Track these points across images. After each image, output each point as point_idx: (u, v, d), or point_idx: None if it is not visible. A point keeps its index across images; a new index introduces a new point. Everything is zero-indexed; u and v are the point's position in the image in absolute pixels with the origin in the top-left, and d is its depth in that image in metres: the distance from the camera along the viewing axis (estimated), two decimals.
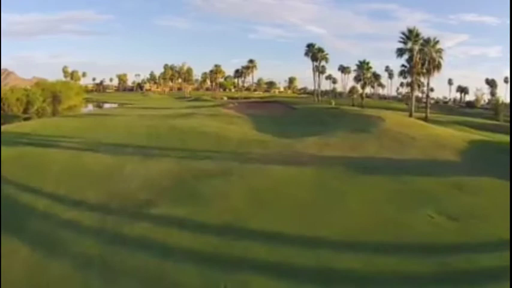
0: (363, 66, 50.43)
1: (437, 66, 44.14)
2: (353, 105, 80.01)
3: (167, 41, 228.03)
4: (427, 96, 45.72)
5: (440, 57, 44.47)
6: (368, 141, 22.65)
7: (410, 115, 39.20)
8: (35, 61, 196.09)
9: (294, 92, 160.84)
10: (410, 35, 40.33)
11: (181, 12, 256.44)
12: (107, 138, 23.56)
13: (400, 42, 41.21)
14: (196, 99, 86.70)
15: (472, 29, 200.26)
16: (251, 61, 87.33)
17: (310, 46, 57.94)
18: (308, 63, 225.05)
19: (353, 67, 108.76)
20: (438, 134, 27.71)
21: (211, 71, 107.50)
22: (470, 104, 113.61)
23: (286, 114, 40.42)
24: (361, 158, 18.88)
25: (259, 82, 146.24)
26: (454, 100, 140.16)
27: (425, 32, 42.55)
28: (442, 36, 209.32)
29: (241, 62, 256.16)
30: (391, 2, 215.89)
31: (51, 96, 69.96)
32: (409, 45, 40.43)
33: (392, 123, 29.27)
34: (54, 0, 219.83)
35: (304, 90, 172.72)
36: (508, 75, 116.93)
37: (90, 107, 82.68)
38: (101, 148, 20.53)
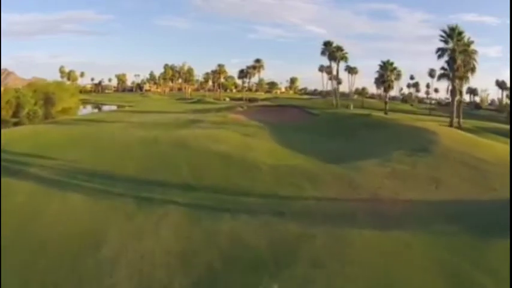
0: (386, 66, 43.60)
1: (472, 69, 37.62)
2: (363, 107, 74.10)
3: (167, 41, 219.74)
4: (460, 102, 39.24)
5: (475, 60, 37.98)
6: (441, 170, 16.33)
7: (451, 124, 32.92)
8: (35, 61, 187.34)
9: (295, 93, 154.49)
10: (452, 33, 33.71)
11: (181, 12, 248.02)
12: (92, 161, 17.22)
13: (441, 41, 34.61)
14: (198, 101, 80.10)
15: (472, 29, 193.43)
16: (258, 60, 79.72)
17: (327, 44, 50.26)
18: (310, 63, 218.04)
19: (360, 67, 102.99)
20: (503, 154, 21.70)
21: (214, 71, 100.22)
22: (477, 106, 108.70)
23: (308, 122, 34.04)
24: (455, 202, 12.67)
25: (260, 82, 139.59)
26: (457, 100, 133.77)
27: (425, 32, 36.07)
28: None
29: (241, 62, 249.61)
30: (391, 2, 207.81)
31: (44, 98, 63.30)
32: (451, 44, 33.79)
33: (446, 138, 23.02)
34: (54, 0, 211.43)
35: (304, 91, 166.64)
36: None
37: (87, 109, 76.07)
38: (79, 180, 14.20)
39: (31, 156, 18.28)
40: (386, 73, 42.49)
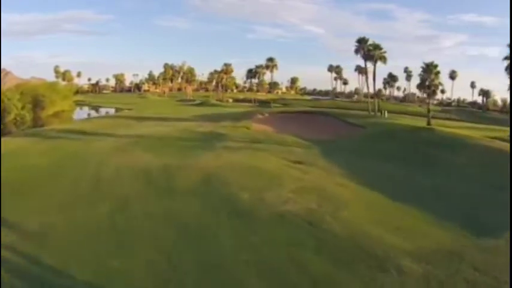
0: (430, 69, 35.26)
1: None
2: (380, 112, 66.20)
3: (166, 41, 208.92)
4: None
5: None
6: None
7: None
8: (34, 61, 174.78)
9: (296, 93, 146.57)
10: None
11: (180, 13, 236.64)
12: (62, 250, 8.98)
13: None
14: (202, 103, 71.35)
15: (471, 29, 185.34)
16: (271, 59, 70.06)
17: (361, 42, 41.55)
18: (309, 63, 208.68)
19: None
20: None
21: (220, 71, 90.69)
22: (480, 107, 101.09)
23: (359, 138, 25.87)
24: None
25: (260, 82, 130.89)
26: (458, 101, 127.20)
27: (424, 32, 28.31)
28: (441, 36, 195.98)
29: (240, 62, 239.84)
30: (390, 2, 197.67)
31: (32, 102, 54.17)
32: None
33: None
34: (54, 0, 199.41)
35: (304, 91, 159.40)
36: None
37: (82, 112, 67.08)
38: None
39: None
40: (430, 77, 34.42)
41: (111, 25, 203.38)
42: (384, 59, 40.50)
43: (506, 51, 28.58)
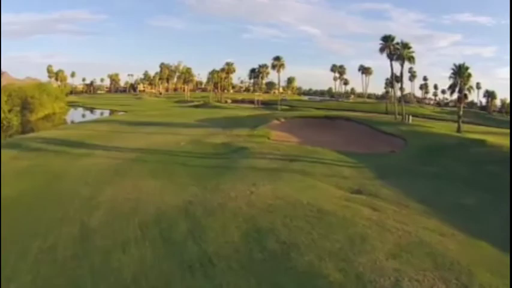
0: (461, 72, 30.75)
1: None
2: (386, 113, 62.91)
3: (162, 41, 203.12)
4: None
5: None
6: None
7: None
8: (29, 61, 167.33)
9: (293, 93, 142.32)
10: None
11: (176, 13, 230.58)
12: None
13: None
14: (202, 105, 66.43)
15: (465, 29, 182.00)
16: (277, 58, 64.67)
17: (387, 39, 36.12)
18: (305, 63, 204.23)
19: (354, 68, 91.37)
20: None
21: (221, 70, 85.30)
22: (485, 108, 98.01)
23: (403, 152, 21.60)
24: None
25: (257, 82, 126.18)
26: (455, 101, 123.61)
27: (419, 32, 24.46)
28: (435, 36, 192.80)
29: (235, 62, 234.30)
30: (385, 1, 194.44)
31: (21, 104, 48.76)
32: None
33: None
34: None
35: (299, 90, 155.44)
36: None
37: (77, 113, 61.83)
38: None
39: None
40: (461, 80, 30.17)
41: (106, 25, 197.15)
42: (412, 60, 36.06)
43: (500, 51, 25.37)
